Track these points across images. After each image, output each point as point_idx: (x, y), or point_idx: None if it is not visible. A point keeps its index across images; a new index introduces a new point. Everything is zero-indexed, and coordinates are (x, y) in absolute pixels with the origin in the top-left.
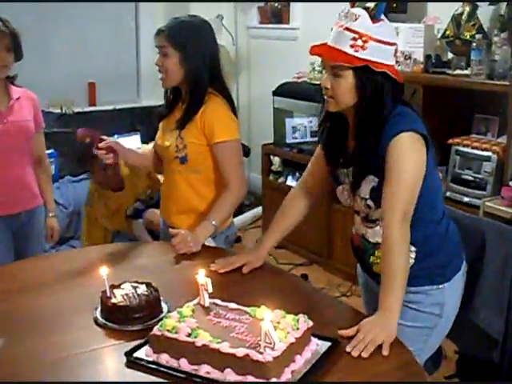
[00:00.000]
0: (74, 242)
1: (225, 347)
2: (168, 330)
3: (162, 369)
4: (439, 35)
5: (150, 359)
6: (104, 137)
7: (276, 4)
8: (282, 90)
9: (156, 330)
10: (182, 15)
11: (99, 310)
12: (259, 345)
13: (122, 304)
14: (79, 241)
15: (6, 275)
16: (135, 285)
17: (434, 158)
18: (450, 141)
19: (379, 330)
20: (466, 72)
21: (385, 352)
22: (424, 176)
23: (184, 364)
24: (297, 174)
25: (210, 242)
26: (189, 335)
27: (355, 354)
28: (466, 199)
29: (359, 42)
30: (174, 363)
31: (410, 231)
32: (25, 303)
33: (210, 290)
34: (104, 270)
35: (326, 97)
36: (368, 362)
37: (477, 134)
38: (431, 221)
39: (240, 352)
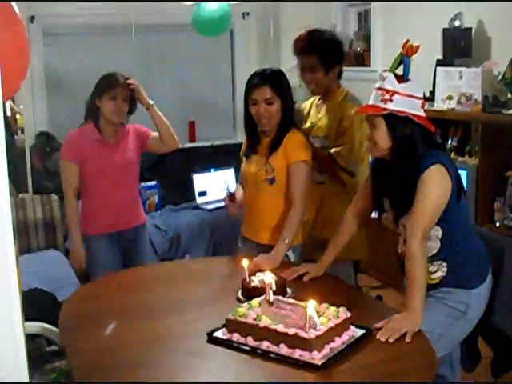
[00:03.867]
0: None
1: (280, 327)
2: (239, 316)
3: (234, 344)
4: (500, 77)
5: (225, 337)
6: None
7: (358, 48)
8: None
9: (230, 316)
10: (264, 68)
11: (240, 292)
12: (306, 326)
13: (260, 286)
14: None
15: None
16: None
17: (458, 189)
18: (508, 173)
19: (405, 323)
20: None
21: (407, 339)
22: (451, 202)
23: (250, 341)
24: None
25: (290, 254)
26: (254, 319)
27: (383, 338)
28: None
29: (387, 97)
30: (242, 340)
31: (442, 249)
32: (131, 300)
33: (274, 288)
34: (245, 262)
35: (370, 146)
36: (391, 345)
37: None
38: (460, 240)
39: (291, 331)
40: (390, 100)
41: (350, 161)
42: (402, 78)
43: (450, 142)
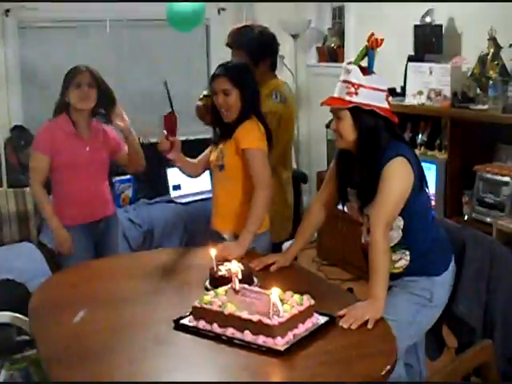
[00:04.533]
0: None
1: (244, 314)
2: (205, 303)
3: (200, 331)
4: (469, 73)
5: (191, 324)
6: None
7: (332, 45)
8: None
9: (196, 303)
10: (229, 60)
11: (208, 281)
12: (269, 313)
13: (227, 275)
14: None
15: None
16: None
17: (420, 180)
18: (475, 167)
19: (367, 310)
20: (485, 107)
21: (369, 326)
22: (412, 193)
23: (215, 327)
24: None
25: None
26: (219, 307)
27: (346, 326)
28: (488, 219)
29: (352, 90)
30: (208, 327)
31: (404, 238)
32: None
33: (240, 277)
34: (213, 252)
35: (336, 137)
36: (353, 332)
37: (498, 161)
38: (422, 229)
39: (255, 318)
40: (356, 93)
41: None
42: (366, 71)
43: (420, 136)
